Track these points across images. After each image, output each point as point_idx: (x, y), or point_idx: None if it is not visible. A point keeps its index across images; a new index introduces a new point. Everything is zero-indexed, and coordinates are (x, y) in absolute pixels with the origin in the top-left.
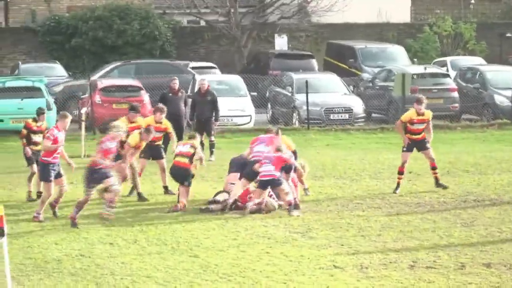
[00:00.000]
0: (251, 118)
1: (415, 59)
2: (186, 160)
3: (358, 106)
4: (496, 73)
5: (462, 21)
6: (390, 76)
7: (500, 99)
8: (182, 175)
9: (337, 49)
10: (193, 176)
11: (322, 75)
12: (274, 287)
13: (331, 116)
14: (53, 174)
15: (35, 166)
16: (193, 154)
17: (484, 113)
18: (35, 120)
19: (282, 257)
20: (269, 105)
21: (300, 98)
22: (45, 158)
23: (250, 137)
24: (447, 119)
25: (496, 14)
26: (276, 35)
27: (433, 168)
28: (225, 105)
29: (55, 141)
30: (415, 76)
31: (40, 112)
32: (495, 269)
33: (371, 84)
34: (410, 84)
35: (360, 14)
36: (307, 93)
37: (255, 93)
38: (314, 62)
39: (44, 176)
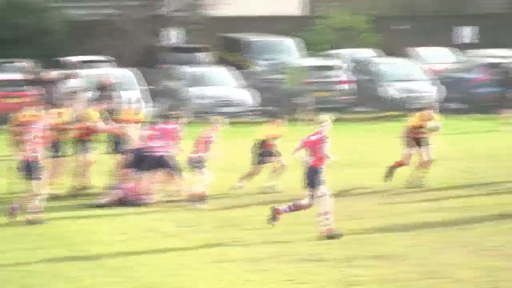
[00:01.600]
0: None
1: (307, 52)
2: None
3: (249, 99)
4: (389, 65)
5: (355, 14)
6: (282, 69)
7: (393, 91)
8: None
9: (230, 43)
10: None
11: (214, 69)
12: (162, 281)
13: (223, 109)
14: None
15: None
16: None
17: (377, 105)
18: None
19: (170, 251)
20: (160, 99)
21: (192, 91)
22: None
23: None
24: (339, 111)
25: (390, 7)
26: (168, 29)
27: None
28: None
29: None
30: (307, 69)
31: None
32: (383, 260)
33: (263, 77)
34: (302, 77)
35: (252, 7)
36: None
37: (147, 87)
38: (206, 55)
39: None
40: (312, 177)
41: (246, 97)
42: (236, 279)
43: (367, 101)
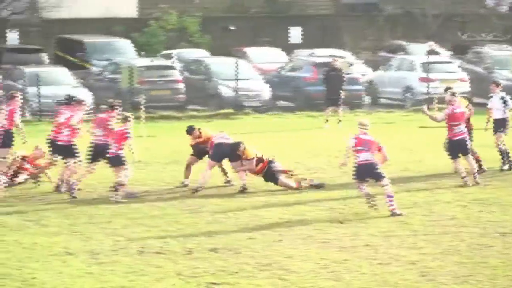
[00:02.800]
0: None
1: (142, 52)
2: None
3: (86, 98)
4: (220, 65)
5: (187, 15)
6: (118, 69)
7: (224, 90)
8: None
9: (67, 43)
10: None
11: (52, 69)
12: (8, 274)
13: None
14: None
15: None
16: None
17: (209, 103)
18: None
19: (15, 244)
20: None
21: (31, 91)
22: None
23: None
24: (174, 109)
25: (220, 8)
26: (7, 30)
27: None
28: None
29: None
30: (141, 69)
31: None
32: (221, 253)
33: (99, 77)
34: (137, 76)
35: (89, 9)
36: (38, 86)
37: None
38: (44, 56)
39: None
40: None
41: (85, 96)
42: (76, 271)
43: (199, 99)
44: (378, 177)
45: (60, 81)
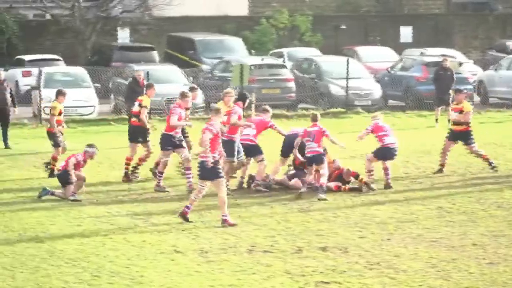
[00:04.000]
0: (94, 108)
1: (253, 51)
2: None
3: (197, 96)
4: (330, 63)
5: (298, 14)
6: (228, 67)
7: (335, 89)
8: None
9: (177, 41)
10: None
11: (163, 67)
12: (117, 272)
13: (172, 106)
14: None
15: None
16: None
17: (319, 102)
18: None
19: (124, 243)
20: (112, 96)
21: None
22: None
23: (95, 127)
24: (284, 108)
25: (331, 7)
26: (118, 28)
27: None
28: (70, 96)
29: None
30: (252, 67)
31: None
32: (330, 252)
33: (210, 75)
34: (248, 75)
35: (200, 7)
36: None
37: (98, 85)
38: (155, 54)
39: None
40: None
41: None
42: (185, 269)
43: (309, 98)
44: None
45: (171, 79)
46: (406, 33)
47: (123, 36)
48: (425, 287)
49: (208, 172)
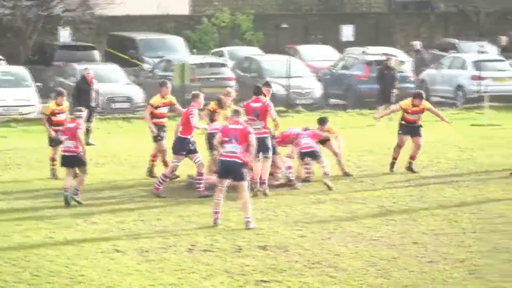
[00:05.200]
0: (35, 108)
1: (194, 50)
2: None
3: (138, 95)
4: (272, 62)
5: (239, 13)
6: (169, 66)
7: (276, 88)
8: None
9: (119, 41)
10: None
11: (104, 66)
12: (57, 271)
13: (113, 105)
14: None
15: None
16: None
17: None
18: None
19: (65, 242)
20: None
21: None
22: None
23: (35, 126)
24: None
25: (272, 5)
26: (60, 27)
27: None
28: (10, 96)
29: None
30: (194, 66)
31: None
32: (270, 251)
33: (151, 74)
34: (189, 74)
35: (141, 7)
36: None
37: (40, 84)
38: (96, 53)
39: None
40: None
41: (137, 93)
42: (125, 269)
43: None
44: None
45: (112, 78)
46: (347, 31)
47: (65, 35)
48: (365, 286)
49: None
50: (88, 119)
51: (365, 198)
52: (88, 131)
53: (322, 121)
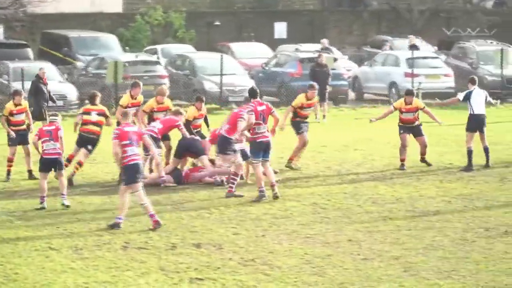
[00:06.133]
0: None
1: (127, 48)
2: None
3: (72, 93)
4: (204, 60)
5: (172, 11)
6: (103, 64)
7: (209, 85)
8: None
9: (52, 39)
10: None
11: (37, 64)
12: None
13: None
14: None
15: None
16: None
17: (194, 98)
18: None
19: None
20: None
21: (16, 86)
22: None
23: None
24: None
25: (205, 3)
26: None
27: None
28: None
29: None
30: (127, 64)
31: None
32: (204, 249)
33: (85, 72)
34: (122, 72)
35: (74, 4)
36: (22, 81)
37: None
38: (29, 51)
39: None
40: None
41: (70, 91)
42: (60, 266)
43: (184, 95)
44: None
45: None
46: (280, 29)
47: None
48: (300, 283)
49: None
50: (43, 118)
51: (299, 195)
52: None
53: (200, 99)
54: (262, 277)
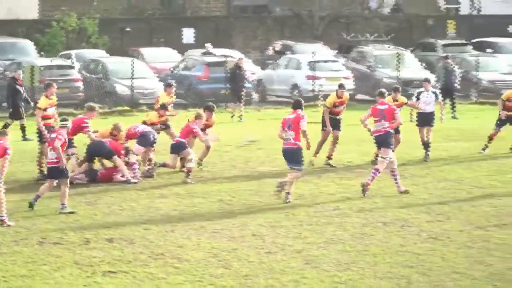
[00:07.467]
0: None
1: (43, 53)
2: None
3: None
4: (116, 64)
5: (86, 17)
6: (20, 68)
7: (120, 88)
8: None
9: None
10: None
11: None
12: None
13: None
14: None
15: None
16: None
17: (106, 101)
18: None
19: None
20: None
21: None
22: None
23: None
24: (72, 107)
25: (118, 10)
26: None
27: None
28: None
29: None
30: (43, 68)
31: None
32: (117, 243)
33: (2, 76)
34: (39, 76)
35: None
36: None
37: None
38: None
39: None
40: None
41: None
42: None
43: (96, 97)
44: None
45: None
46: (188, 34)
47: None
48: (207, 276)
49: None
50: (20, 117)
51: (206, 192)
52: (23, 128)
53: (210, 108)
54: (172, 270)
